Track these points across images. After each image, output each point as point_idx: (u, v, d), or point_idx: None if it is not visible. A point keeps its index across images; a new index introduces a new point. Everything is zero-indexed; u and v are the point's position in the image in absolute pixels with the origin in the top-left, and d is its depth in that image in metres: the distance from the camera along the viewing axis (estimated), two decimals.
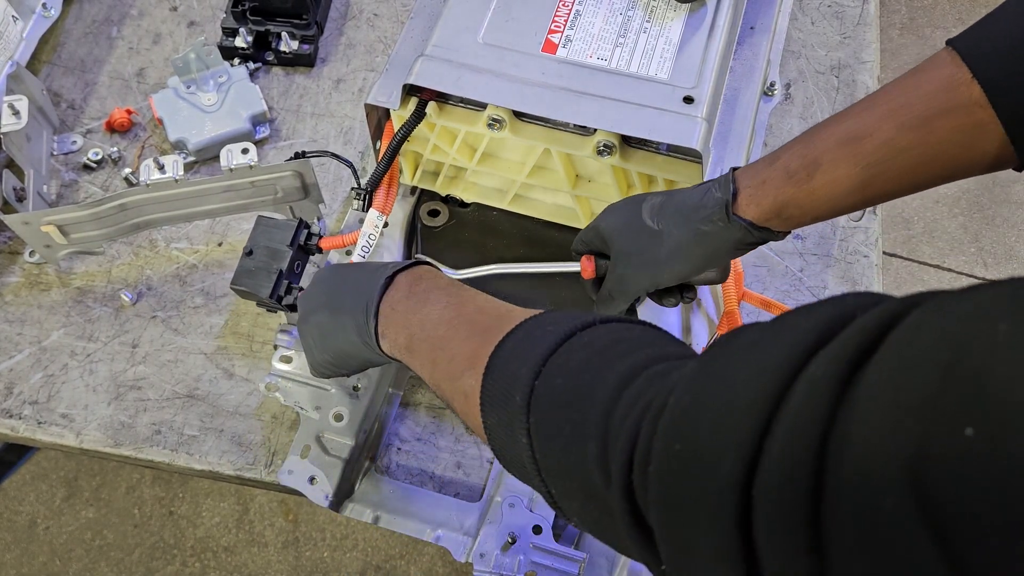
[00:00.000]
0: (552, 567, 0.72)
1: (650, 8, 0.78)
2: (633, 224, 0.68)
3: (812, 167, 0.59)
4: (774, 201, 0.61)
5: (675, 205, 0.66)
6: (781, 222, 0.62)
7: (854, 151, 0.58)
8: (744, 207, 0.62)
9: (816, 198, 0.60)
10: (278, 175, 0.79)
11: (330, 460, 0.75)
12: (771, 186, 0.61)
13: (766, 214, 0.61)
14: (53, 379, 0.82)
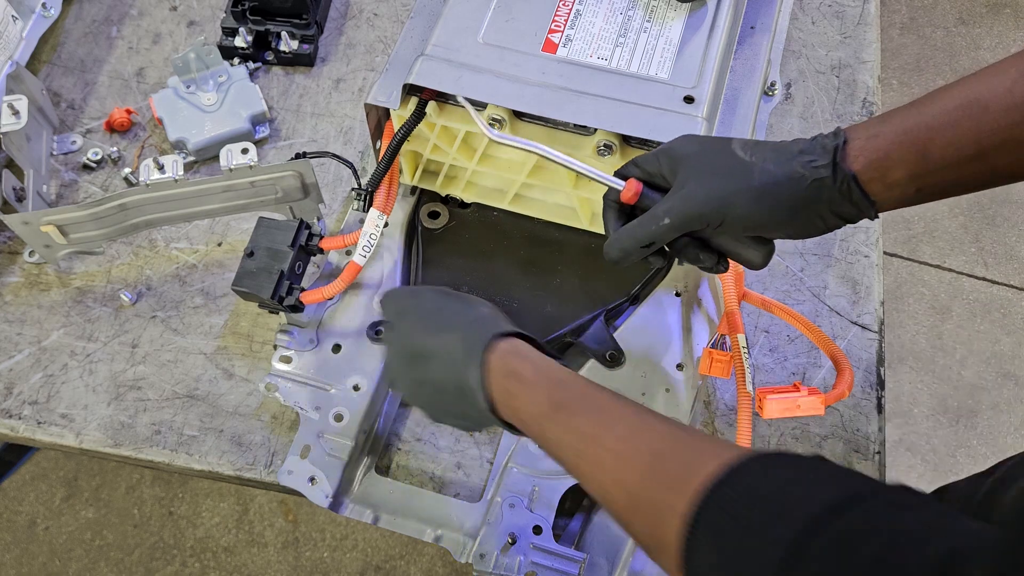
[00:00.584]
0: (552, 567, 0.72)
1: (650, 8, 0.77)
2: (717, 149, 0.62)
3: (929, 127, 0.57)
4: (885, 156, 0.57)
5: (775, 146, 0.61)
6: (884, 187, 0.58)
7: (978, 114, 0.55)
8: (852, 157, 0.58)
9: (929, 161, 0.57)
10: (278, 175, 0.79)
11: (330, 460, 0.75)
12: (883, 140, 0.58)
13: (872, 170, 0.58)
14: (53, 379, 0.82)
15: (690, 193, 0.61)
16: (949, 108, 0.57)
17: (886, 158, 0.57)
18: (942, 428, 1.78)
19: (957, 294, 1.90)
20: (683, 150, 0.63)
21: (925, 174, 0.57)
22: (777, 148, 0.61)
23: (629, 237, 0.64)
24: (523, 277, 0.82)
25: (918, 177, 0.57)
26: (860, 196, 0.58)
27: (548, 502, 0.74)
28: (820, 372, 0.83)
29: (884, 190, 0.58)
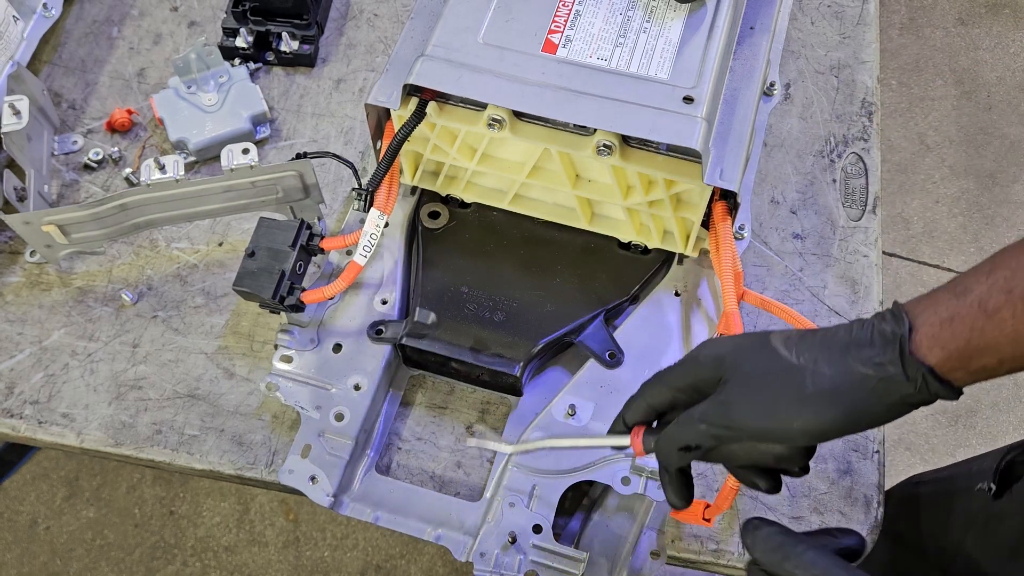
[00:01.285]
0: (552, 567, 0.72)
1: (650, 8, 0.78)
2: (757, 347, 0.54)
3: (1021, 305, 0.48)
4: (968, 344, 0.49)
5: (822, 338, 0.53)
6: (969, 374, 0.50)
7: None
8: (925, 347, 0.50)
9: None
10: (279, 175, 0.79)
11: (331, 460, 0.75)
12: (963, 324, 0.49)
13: (953, 360, 0.49)
14: (54, 379, 0.82)
15: (729, 404, 0.54)
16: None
17: (969, 347, 0.49)
18: (941, 427, 1.78)
19: None
20: (715, 352, 0.55)
21: (1021, 355, 0.49)
22: (827, 343, 0.53)
23: (667, 441, 0.57)
24: (523, 277, 0.82)
25: (1013, 360, 0.49)
26: (939, 387, 0.50)
27: (548, 501, 0.74)
28: None
29: (969, 376, 0.50)
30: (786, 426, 0.52)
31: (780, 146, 0.94)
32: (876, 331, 0.51)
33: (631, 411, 0.61)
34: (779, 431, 0.53)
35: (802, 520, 0.77)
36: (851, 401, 0.51)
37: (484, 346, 0.78)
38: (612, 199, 0.78)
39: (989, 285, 0.49)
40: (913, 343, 0.50)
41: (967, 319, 0.49)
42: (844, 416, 0.51)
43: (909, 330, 0.50)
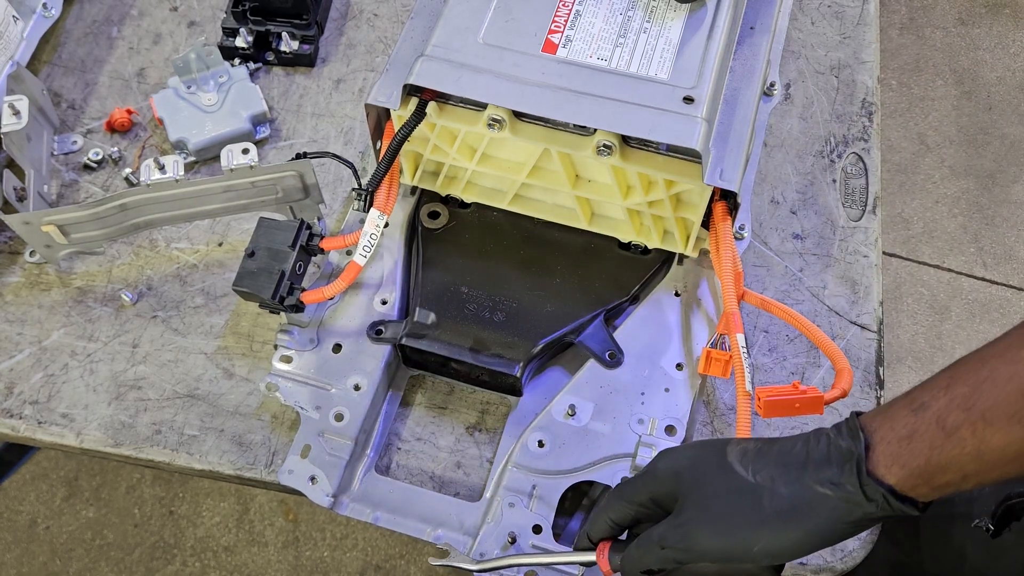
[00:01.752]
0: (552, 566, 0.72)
1: (650, 8, 0.78)
2: (713, 464, 0.53)
3: (980, 424, 0.46)
4: (928, 462, 0.48)
5: (777, 454, 0.52)
6: (932, 490, 0.49)
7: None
8: (883, 467, 0.49)
9: (986, 461, 0.47)
10: (278, 175, 0.79)
11: (330, 460, 0.75)
12: (922, 442, 0.48)
13: (915, 478, 0.48)
14: (53, 379, 0.82)
15: (687, 530, 0.53)
16: (1004, 396, 0.46)
17: (929, 464, 0.47)
18: None
19: (956, 294, 1.90)
20: (672, 467, 0.55)
21: (984, 471, 0.48)
22: (784, 460, 0.52)
23: (630, 563, 0.57)
24: (523, 277, 0.82)
25: (976, 475, 0.48)
26: (901, 505, 0.49)
27: (548, 501, 0.74)
28: (819, 372, 0.83)
29: (933, 492, 0.49)
30: (747, 548, 0.51)
31: (780, 146, 0.94)
32: (833, 448, 0.50)
33: (595, 527, 0.60)
34: (741, 553, 0.52)
35: None
36: (812, 522, 0.50)
37: (484, 346, 0.78)
38: (612, 199, 0.78)
39: (947, 401, 0.48)
40: (871, 462, 0.49)
41: (926, 437, 0.48)
42: (806, 536, 0.50)
43: (866, 448, 0.49)
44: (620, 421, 0.76)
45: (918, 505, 0.49)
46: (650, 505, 0.57)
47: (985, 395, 0.47)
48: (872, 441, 0.49)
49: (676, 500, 0.55)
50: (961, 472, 0.47)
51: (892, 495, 0.48)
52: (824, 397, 0.70)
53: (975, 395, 0.47)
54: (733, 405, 0.81)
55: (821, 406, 0.70)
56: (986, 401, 0.47)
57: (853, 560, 0.76)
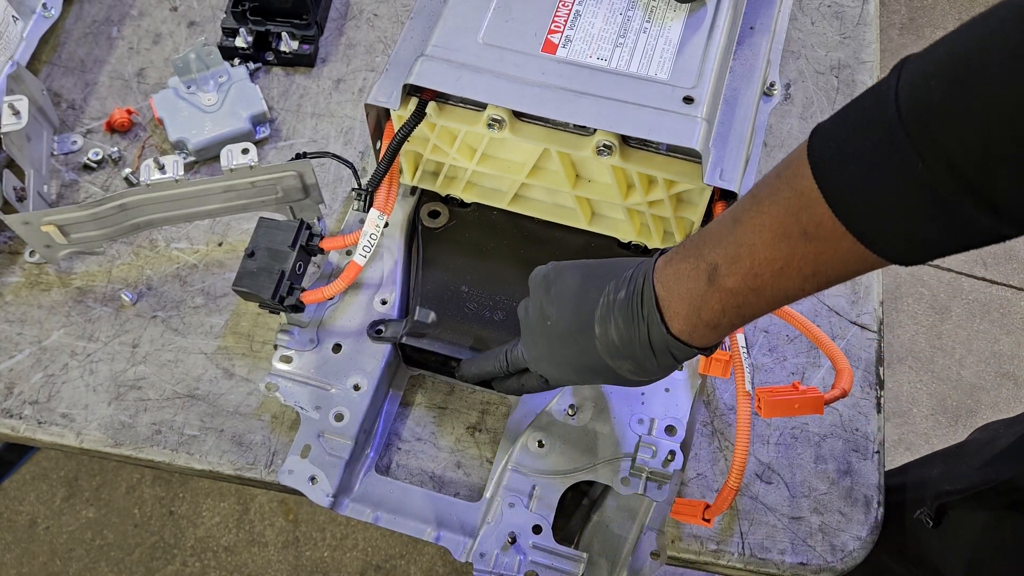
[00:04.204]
0: (552, 567, 0.72)
1: (650, 8, 0.78)
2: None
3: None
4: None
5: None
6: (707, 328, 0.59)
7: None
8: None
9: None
10: (278, 175, 0.79)
11: (330, 460, 0.75)
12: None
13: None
14: (53, 379, 0.82)
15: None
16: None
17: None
18: (941, 428, 1.78)
19: (956, 294, 1.90)
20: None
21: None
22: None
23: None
24: (523, 277, 0.81)
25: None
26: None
27: (548, 501, 0.74)
28: (819, 372, 0.83)
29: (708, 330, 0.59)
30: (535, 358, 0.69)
31: (780, 146, 0.94)
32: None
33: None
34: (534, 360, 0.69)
35: (802, 520, 0.77)
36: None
37: (484, 345, 0.78)
38: (612, 199, 0.78)
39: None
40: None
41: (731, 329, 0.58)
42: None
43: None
44: (620, 421, 0.76)
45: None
46: None
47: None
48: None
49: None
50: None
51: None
52: (824, 397, 0.70)
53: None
54: (733, 405, 0.81)
55: (821, 406, 0.70)
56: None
57: (853, 560, 0.76)
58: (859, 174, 0.48)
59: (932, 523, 0.82)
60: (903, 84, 0.46)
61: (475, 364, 0.75)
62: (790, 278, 0.53)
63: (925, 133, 0.45)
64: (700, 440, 0.80)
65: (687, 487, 0.78)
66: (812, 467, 0.79)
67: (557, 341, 0.65)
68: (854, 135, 0.49)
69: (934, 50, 0.46)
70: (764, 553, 0.76)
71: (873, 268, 0.52)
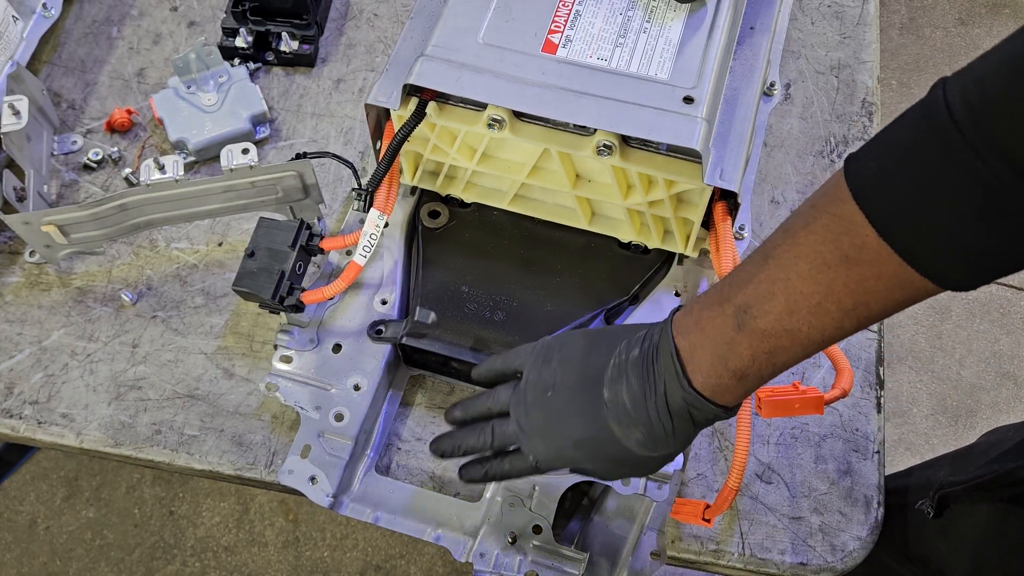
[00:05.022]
0: (552, 567, 0.72)
1: (650, 8, 0.78)
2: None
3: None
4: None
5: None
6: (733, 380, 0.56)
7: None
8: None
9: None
10: (278, 175, 0.79)
11: (330, 460, 0.75)
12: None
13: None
14: (53, 379, 0.82)
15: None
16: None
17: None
18: (941, 428, 1.78)
19: (956, 294, 1.90)
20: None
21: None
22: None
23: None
24: (523, 277, 0.82)
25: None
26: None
27: (548, 501, 0.74)
28: (819, 372, 0.83)
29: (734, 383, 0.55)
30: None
31: (780, 146, 0.94)
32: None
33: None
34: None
35: (802, 520, 0.77)
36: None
37: (484, 345, 0.78)
38: (612, 199, 0.78)
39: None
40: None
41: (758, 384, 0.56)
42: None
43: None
44: None
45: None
46: None
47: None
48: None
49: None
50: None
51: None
52: (824, 397, 0.70)
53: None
54: None
55: (822, 406, 0.70)
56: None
57: (853, 560, 0.76)
58: (906, 187, 0.46)
59: (933, 513, 0.81)
60: (951, 91, 0.45)
61: (457, 439, 0.67)
62: (829, 314, 0.50)
63: (980, 128, 0.43)
64: (700, 440, 0.80)
65: (687, 487, 0.78)
66: (812, 467, 0.79)
67: (557, 412, 0.60)
68: (897, 150, 0.47)
69: (984, 58, 0.45)
70: (764, 553, 0.76)
71: (915, 296, 0.49)
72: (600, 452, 0.59)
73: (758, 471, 0.79)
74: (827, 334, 0.51)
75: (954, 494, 0.79)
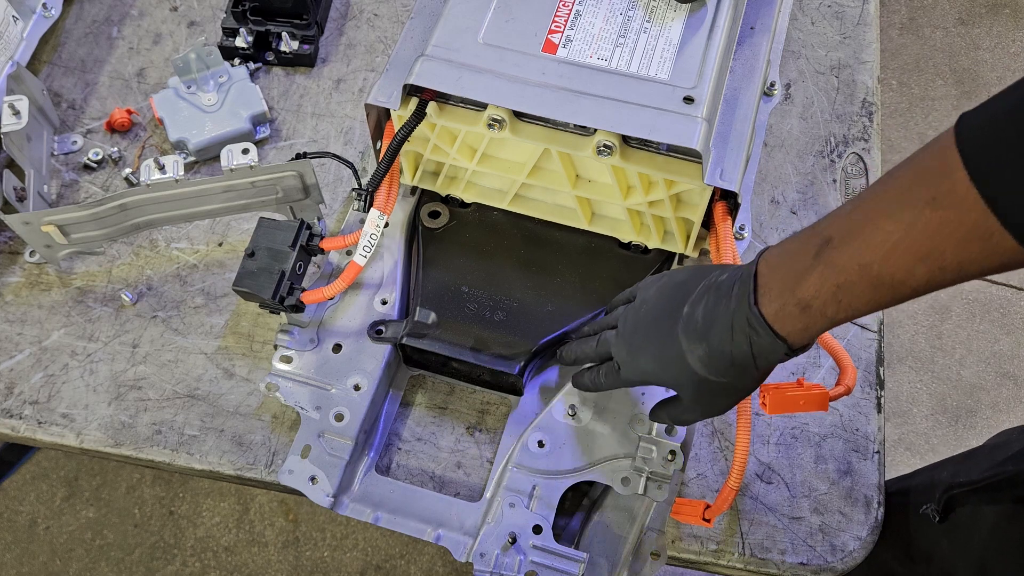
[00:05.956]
0: (552, 567, 0.72)
1: (650, 8, 0.78)
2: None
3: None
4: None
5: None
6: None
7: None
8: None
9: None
10: (278, 175, 0.79)
11: (331, 460, 0.75)
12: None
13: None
14: (53, 379, 0.82)
15: (692, 413, 0.66)
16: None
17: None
18: (941, 428, 1.78)
19: (956, 294, 1.90)
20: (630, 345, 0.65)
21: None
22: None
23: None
24: (523, 277, 0.82)
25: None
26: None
27: (548, 502, 0.74)
28: (820, 372, 0.83)
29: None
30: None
31: (780, 146, 0.94)
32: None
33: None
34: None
35: (802, 520, 0.77)
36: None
37: (485, 345, 0.78)
38: (612, 199, 0.78)
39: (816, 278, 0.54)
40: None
41: (821, 325, 0.55)
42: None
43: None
44: (620, 421, 0.76)
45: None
46: None
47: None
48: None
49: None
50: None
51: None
52: (829, 393, 0.70)
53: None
54: None
55: (826, 402, 0.70)
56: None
57: (853, 560, 0.76)
58: (1007, 136, 0.46)
59: (939, 517, 0.81)
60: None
61: (574, 347, 0.73)
62: (903, 256, 0.50)
63: None
64: (700, 440, 0.80)
65: (687, 487, 0.78)
66: (812, 467, 0.79)
67: (644, 323, 0.63)
68: (1010, 102, 0.46)
69: None
70: (764, 553, 0.76)
71: (991, 255, 0.48)
72: (669, 367, 0.61)
73: (758, 471, 0.79)
74: (896, 279, 0.51)
75: (962, 495, 0.79)
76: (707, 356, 0.59)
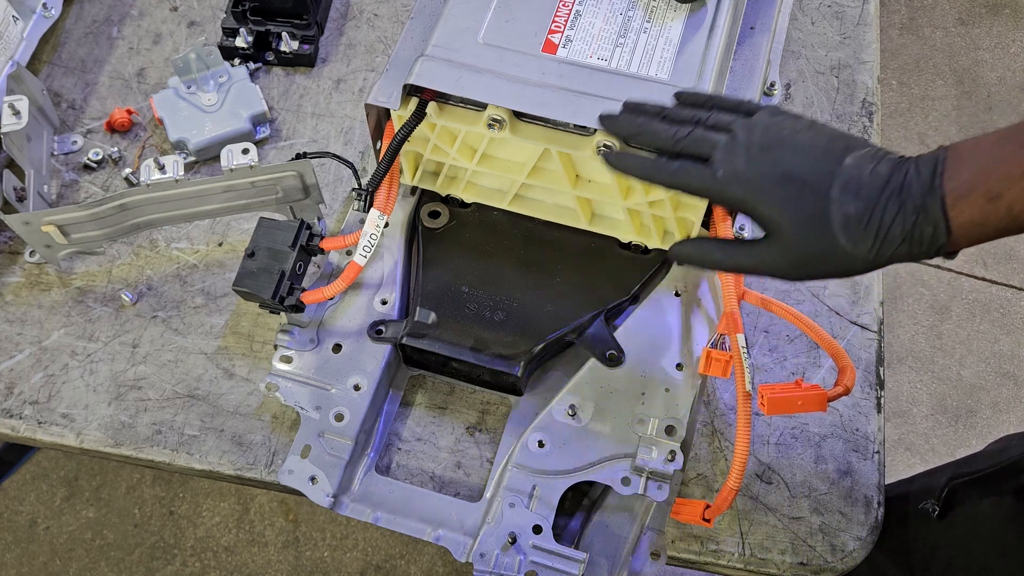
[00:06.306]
0: (552, 567, 0.72)
1: (650, 8, 0.78)
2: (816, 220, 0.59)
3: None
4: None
5: (877, 224, 0.58)
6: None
7: None
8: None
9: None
10: (278, 175, 0.79)
11: (331, 460, 0.75)
12: (991, 230, 0.54)
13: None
14: (53, 379, 0.82)
15: (778, 261, 0.59)
16: None
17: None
18: (941, 428, 1.78)
19: (956, 294, 1.90)
20: (771, 203, 0.57)
21: None
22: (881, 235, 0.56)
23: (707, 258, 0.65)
24: (523, 277, 0.82)
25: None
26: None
27: (548, 501, 0.74)
28: (819, 372, 0.83)
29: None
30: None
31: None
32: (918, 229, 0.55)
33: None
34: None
35: (802, 520, 0.77)
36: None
37: (485, 346, 0.78)
38: (612, 199, 0.78)
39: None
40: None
41: (995, 225, 0.52)
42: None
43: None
44: (620, 421, 0.76)
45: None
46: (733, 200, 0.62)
47: None
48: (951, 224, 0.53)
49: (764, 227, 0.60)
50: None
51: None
52: (827, 394, 0.70)
53: None
54: (733, 405, 0.81)
55: (825, 403, 0.70)
56: None
57: (853, 560, 0.76)
58: None
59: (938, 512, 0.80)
60: None
61: (639, 121, 0.64)
62: None
63: None
64: (700, 440, 0.80)
65: (687, 487, 0.78)
66: (812, 467, 0.79)
67: (788, 142, 0.57)
68: None
69: None
70: (764, 553, 0.76)
71: None
72: (796, 204, 0.56)
73: (758, 471, 0.79)
74: None
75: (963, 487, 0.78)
76: (857, 215, 0.55)
